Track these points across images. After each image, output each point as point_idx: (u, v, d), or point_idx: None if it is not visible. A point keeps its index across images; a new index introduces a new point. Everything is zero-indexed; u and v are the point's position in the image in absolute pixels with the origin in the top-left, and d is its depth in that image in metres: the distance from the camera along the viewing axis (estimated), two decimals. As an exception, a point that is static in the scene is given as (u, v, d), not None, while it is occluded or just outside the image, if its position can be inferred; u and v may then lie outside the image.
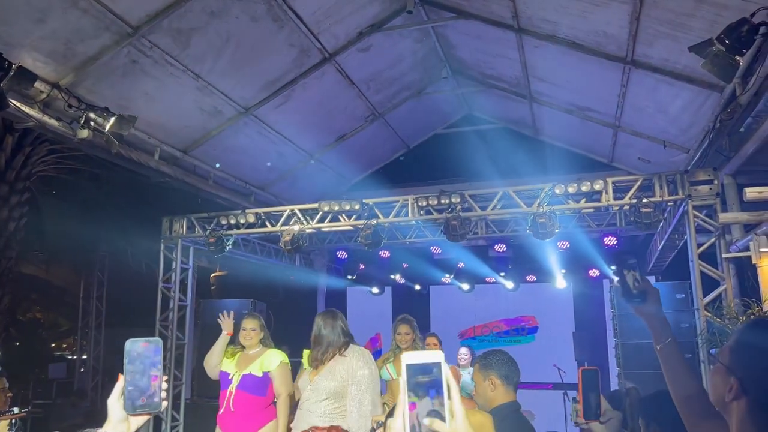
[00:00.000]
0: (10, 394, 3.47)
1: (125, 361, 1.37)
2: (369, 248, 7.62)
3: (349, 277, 12.05)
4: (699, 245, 6.25)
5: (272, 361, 4.68)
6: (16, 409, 2.23)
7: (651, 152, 7.57)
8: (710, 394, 1.46)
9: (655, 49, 5.39)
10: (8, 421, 2.01)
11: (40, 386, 11.14)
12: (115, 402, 1.37)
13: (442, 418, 0.98)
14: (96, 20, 4.90)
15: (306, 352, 4.40)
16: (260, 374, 4.61)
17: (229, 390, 4.60)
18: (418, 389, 0.99)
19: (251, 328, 4.78)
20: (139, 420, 1.39)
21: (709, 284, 6.11)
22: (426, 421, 0.97)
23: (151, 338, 1.38)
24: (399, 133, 9.39)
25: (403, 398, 0.99)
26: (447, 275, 11.89)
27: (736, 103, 4.91)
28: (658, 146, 7.16)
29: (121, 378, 1.36)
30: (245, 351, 4.80)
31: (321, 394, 3.85)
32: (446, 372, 1.00)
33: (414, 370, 1.00)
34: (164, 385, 1.39)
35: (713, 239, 6.25)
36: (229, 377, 4.66)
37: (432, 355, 1.02)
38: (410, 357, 1.02)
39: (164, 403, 1.38)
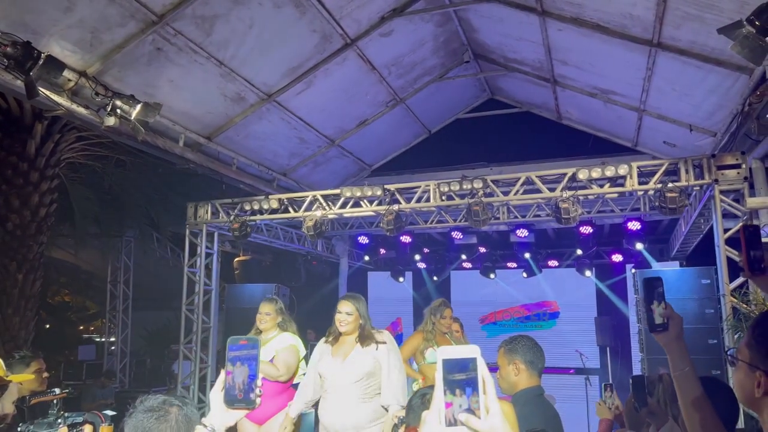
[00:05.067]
0: (46, 375, 3.59)
1: (227, 357, 1.42)
2: (390, 233, 7.66)
3: (366, 258, 12.11)
4: (725, 230, 6.16)
5: (281, 343, 4.72)
6: (57, 390, 2.32)
7: (676, 136, 7.46)
8: (738, 395, 1.46)
9: (683, 32, 5.29)
10: (50, 401, 2.11)
11: (71, 368, 11.45)
12: (216, 395, 1.44)
13: (478, 415, 0.96)
14: (121, 8, 4.96)
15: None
16: (271, 358, 4.65)
17: None
18: (454, 386, 0.97)
19: (266, 312, 4.83)
20: (237, 414, 1.45)
21: (735, 270, 6.03)
22: (462, 417, 0.96)
23: (250, 336, 1.43)
24: (420, 118, 9.36)
25: (439, 395, 0.97)
26: (467, 260, 11.90)
27: (765, 85, 4.82)
28: (683, 130, 7.05)
29: (223, 372, 1.42)
30: (261, 336, 4.82)
31: (355, 376, 3.94)
32: (483, 368, 0.98)
33: (450, 365, 0.98)
34: (259, 383, 1.42)
35: (740, 224, 6.16)
36: None
37: (468, 350, 0.99)
38: (446, 352, 0.99)
39: (258, 400, 1.40)
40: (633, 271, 8.47)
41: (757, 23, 3.85)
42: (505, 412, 2.53)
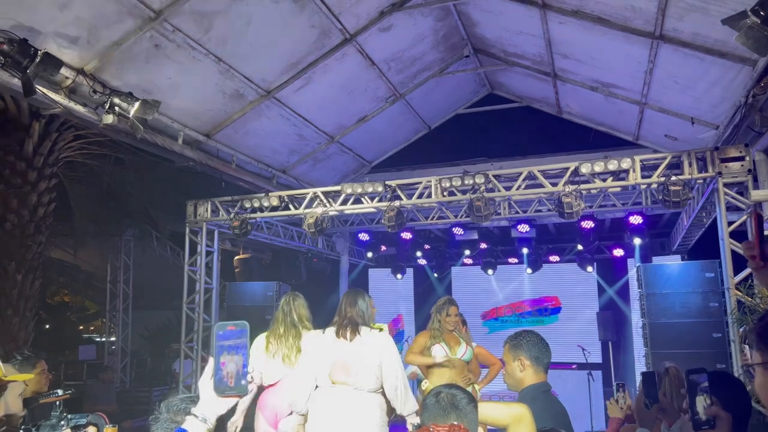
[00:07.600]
0: (50, 376, 3.56)
1: (214, 343, 1.37)
2: (392, 230, 7.61)
3: (369, 254, 12.07)
4: (729, 223, 6.13)
5: None
6: (60, 391, 2.29)
7: (678, 129, 7.42)
8: (764, 401, 1.42)
9: (686, 23, 5.25)
10: (53, 402, 2.07)
11: (71, 368, 11.42)
12: (205, 383, 1.39)
13: None
14: (119, 5, 4.91)
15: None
16: None
17: None
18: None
19: None
20: (228, 402, 1.40)
21: (739, 263, 5.99)
22: None
23: (238, 321, 1.36)
24: (420, 113, 9.31)
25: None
26: (469, 256, 11.87)
27: (770, 77, 4.78)
28: (685, 123, 7.01)
29: (211, 360, 1.36)
30: None
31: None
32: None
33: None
34: (250, 369, 1.37)
35: (744, 217, 6.12)
36: None
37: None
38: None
39: (251, 386, 1.37)
40: (637, 265, 8.43)
41: (762, 13, 3.81)
42: (523, 417, 2.39)
